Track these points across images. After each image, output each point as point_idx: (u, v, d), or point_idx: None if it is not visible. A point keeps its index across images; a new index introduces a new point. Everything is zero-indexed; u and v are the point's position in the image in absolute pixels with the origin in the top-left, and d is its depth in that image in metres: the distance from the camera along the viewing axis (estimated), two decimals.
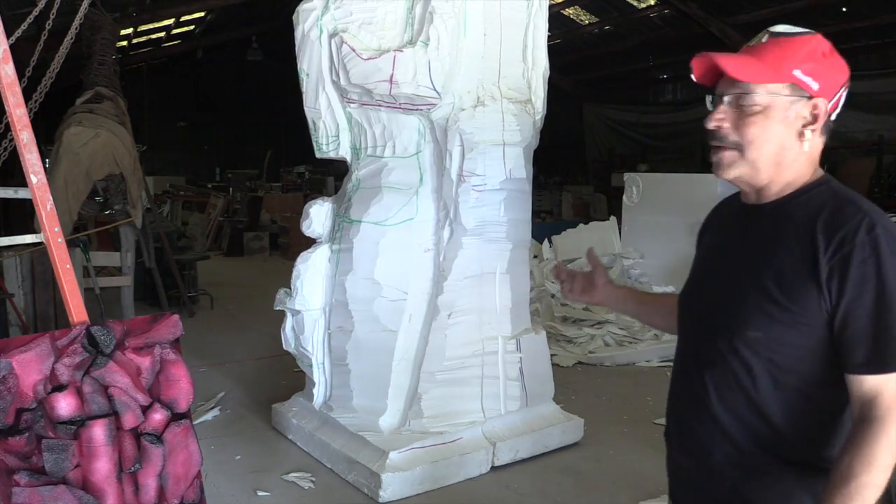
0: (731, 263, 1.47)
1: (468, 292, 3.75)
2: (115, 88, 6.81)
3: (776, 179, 1.41)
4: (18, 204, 8.59)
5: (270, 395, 4.77)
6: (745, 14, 10.98)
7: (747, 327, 1.39)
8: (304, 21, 3.70)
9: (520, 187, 3.86)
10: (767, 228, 1.42)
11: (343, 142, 3.87)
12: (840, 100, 1.38)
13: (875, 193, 9.49)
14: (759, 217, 1.44)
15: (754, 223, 1.45)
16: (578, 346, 5.97)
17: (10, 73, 2.08)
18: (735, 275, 1.45)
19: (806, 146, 1.39)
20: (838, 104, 1.38)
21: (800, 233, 1.35)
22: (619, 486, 3.63)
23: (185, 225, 13.22)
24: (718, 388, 1.44)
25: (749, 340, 1.39)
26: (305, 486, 3.58)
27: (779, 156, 1.39)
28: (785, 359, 1.36)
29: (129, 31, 12.01)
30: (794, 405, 1.37)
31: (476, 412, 3.81)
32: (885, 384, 1.27)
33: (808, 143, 1.38)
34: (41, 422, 1.91)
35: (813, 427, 1.38)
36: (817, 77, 1.35)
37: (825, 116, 1.37)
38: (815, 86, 1.35)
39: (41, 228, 2.13)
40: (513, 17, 3.81)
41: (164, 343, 2.13)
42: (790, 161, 1.39)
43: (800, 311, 1.33)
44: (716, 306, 1.47)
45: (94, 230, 6.78)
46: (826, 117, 1.37)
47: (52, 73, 3.11)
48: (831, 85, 1.36)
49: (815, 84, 1.35)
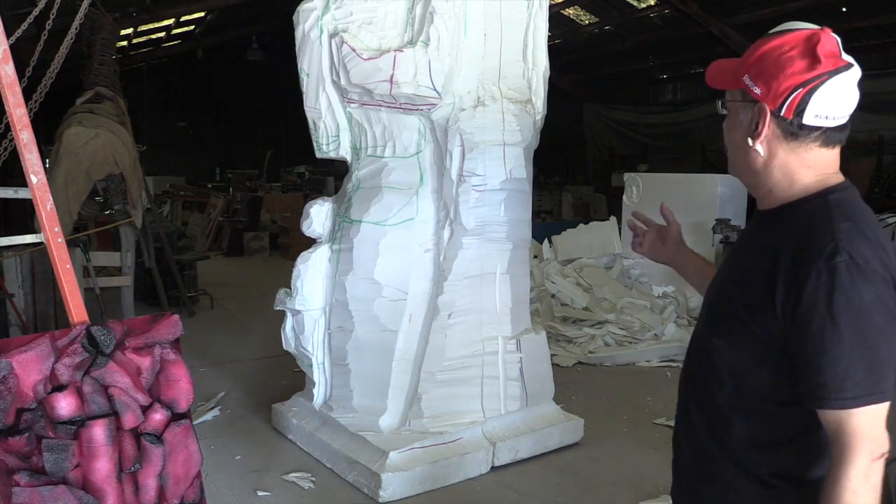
0: (727, 268, 1.48)
1: (468, 292, 3.75)
2: (115, 88, 6.81)
3: (759, 186, 1.39)
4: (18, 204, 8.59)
5: (270, 395, 4.77)
6: (746, 14, 10.97)
7: (714, 334, 1.39)
8: (304, 21, 3.70)
9: (520, 187, 3.86)
10: (757, 238, 1.40)
11: (343, 142, 3.87)
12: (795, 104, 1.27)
13: (875, 193, 9.50)
14: (760, 223, 1.43)
15: (755, 230, 1.44)
16: (578, 346, 5.97)
17: (10, 73, 2.08)
18: (721, 281, 1.46)
19: (762, 152, 1.33)
20: (794, 109, 1.27)
21: (771, 247, 1.30)
22: (619, 486, 3.63)
23: (185, 225, 13.22)
24: (697, 388, 1.46)
25: (716, 347, 1.38)
26: (305, 486, 3.58)
27: (749, 162, 1.37)
28: (745, 372, 1.34)
29: (129, 31, 12.01)
30: (756, 420, 1.35)
31: (476, 412, 3.81)
32: (844, 420, 1.21)
33: (762, 149, 1.33)
34: (41, 422, 1.91)
35: (775, 445, 1.34)
36: (762, 82, 1.29)
37: (769, 124, 1.30)
38: (758, 91, 1.30)
39: (41, 228, 2.13)
40: (513, 17, 3.81)
41: (164, 343, 2.13)
42: (761, 168, 1.35)
43: (756, 326, 1.29)
44: (706, 307, 1.48)
45: (94, 230, 6.78)
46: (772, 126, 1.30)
47: (52, 73, 3.11)
48: (778, 90, 1.27)
49: (757, 89, 1.30)
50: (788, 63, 1.27)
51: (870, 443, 1.20)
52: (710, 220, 6.71)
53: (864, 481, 1.20)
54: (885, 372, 1.22)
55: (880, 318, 1.20)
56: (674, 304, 6.66)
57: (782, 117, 1.29)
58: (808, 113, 1.27)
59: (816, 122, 1.28)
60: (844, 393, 1.20)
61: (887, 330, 1.21)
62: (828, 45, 1.26)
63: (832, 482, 1.21)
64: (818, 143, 1.30)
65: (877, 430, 1.22)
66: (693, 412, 1.46)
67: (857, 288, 1.19)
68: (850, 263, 1.20)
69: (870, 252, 1.22)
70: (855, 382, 1.19)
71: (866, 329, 1.19)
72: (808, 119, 1.27)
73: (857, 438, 1.20)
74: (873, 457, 1.20)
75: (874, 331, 1.20)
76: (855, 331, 1.19)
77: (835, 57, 1.26)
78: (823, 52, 1.25)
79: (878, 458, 1.21)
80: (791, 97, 1.27)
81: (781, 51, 1.28)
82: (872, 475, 1.20)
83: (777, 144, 1.32)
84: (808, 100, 1.26)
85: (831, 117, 1.28)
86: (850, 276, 1.19)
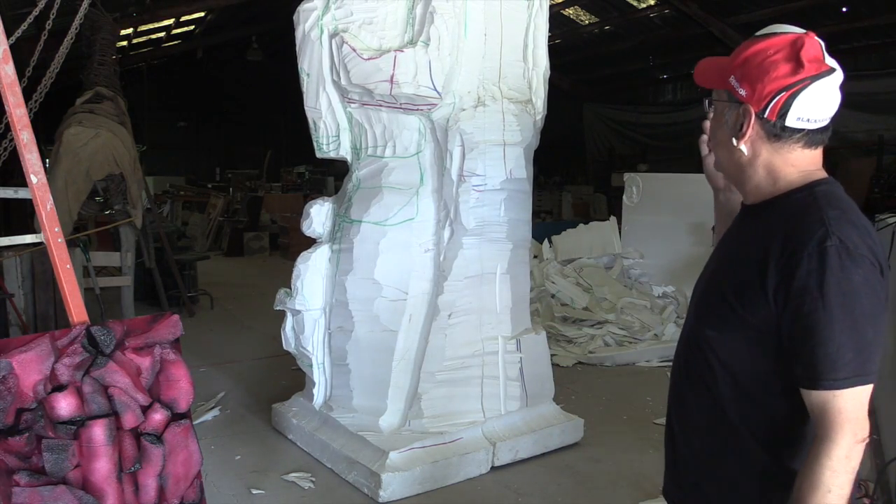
0: (715, 260, 1.51)
1: (468, 292, 3.75)
2: (115, 88, 6.80)
3: (744, 182, 1.41)
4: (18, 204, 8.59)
5: (270, 395, 4.77)
6: (746, 14, 10.97)
7: (706, 325, 1.42)
8: (304, 21, 3.70)
9: (520, 187, 3.86)
10: (744, 230, 1.43)
11: (343, 142, 3.87)
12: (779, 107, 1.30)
13: (875, 193, 9.49)
14: (745, 218, 1.46)
15: (741, 223, 1.47)
16: (578, 346, 5.97)
17: (10, 73, 2.08)
18: (710, 272, 1.49)
19: (746, 151, 1.36)
20: (777, 112, 1.30)
21: (761, 237, 1.33)
22: (619, 486, 3.63)
23: (185, 225, 13.21)
24: (691, 382, 1.47)
25: (708, 339, 1.41)
26: (305, 486, 3.58)
27: (733, 161, 1.40)
28: (739, 363, 1.35)
29: (129, 31, 12.00)
30: (751, 411, 1.36)
31: (476, 412, 3.81)
32: (830, 401, 1.23)
33: (746, 149, 1.36)
34: (41, 422, 1.91)
35: (772, 437, 1.35)
36: (747, 84, 1.32)
37: (753, 125, 1.33)
38: (743, 92, 1.33)
39: (41, 228, 2.13)
40: (513, 17, 3.81)
41: (164, 343, 2.13)
42: (745, 166, 1.38)
43: (749, 315, 1.32)
44: (695, 300, 1.51)
45: (94, 230, 6.78)
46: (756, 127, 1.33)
47: (52, 73, 3.12)
48: (763, 92, 1.30)
49: (742, 90, 1.33)
50: (772, 67, 1.30)
51: (854, 424, 1.23)
52: (710, 220, 6.61)
53: (845, 462, 1.22)
54: (872, 355, 1.25)
55: (868, 302, 1.24)
56: (674, 304, 6.66)
57: (766, 119, 1.32)
58: (790, 116, 1.30)
59: (799, 124, 1.31)
60: (836, 374, 1.22)
61: (874, 313, 1.25)
62: (811, 49, 1.29)
63: (813, 460, 1.24)
64: (801, 145, 1.34)
65: (861, 412, 1.24)
66: (689, 407, 1.47)
67: (847, 271, 1.22)
68: (841, 247, 1.23)
69: (858, 238, 1.25)
70: (845, 364, 1.22)
71: (856, 312, 1.23)
72: (791, 122, 1.31)
73: (843, 419, 1.22)
74: (857, 439, 1.23)
75: (863, 314, 1.23)
76: (846, 313, 1.22)
77: (818, 61, 1.29)
78: (807, 56, 1.28)
79: (860, 442, 1.24)
80: (774, 100, 1.30)
81: (766, 54, 1.31)
82: (853, 457, 1.23)
83: (761, 144, 1.35)
84: (791, 103, 1.29)
85: (813, 120, 1.31)
86: (840, 259, 1.22)
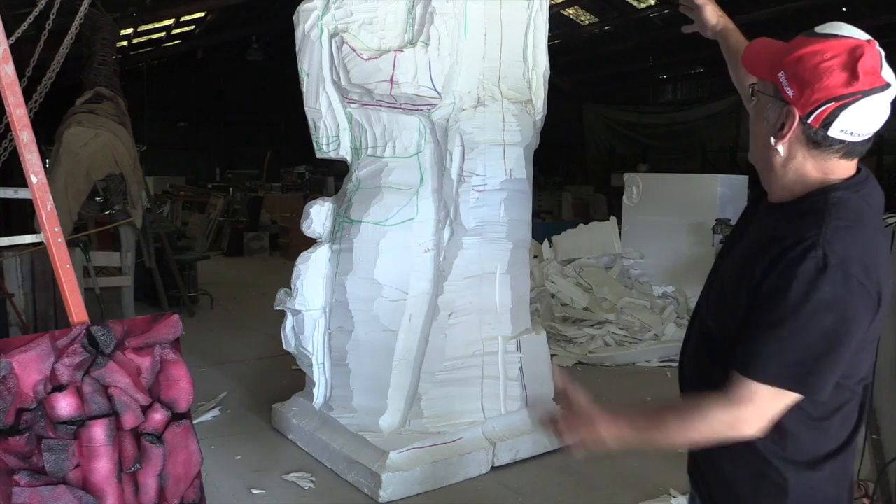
0: (726, 252, 1.50)
1: (468, 292, 3.75)
2: (115, 88, 6.80)
3: (771, 181, 1.38)
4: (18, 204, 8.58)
5: (270, 395, 4.77)
6: (745, 14, 10.95)
7: (707, 316, 1.44)
8: (304, 21, 3.70)
9: (520, 187, 3.86)
10: (757, 228, 1.41)
11: (343, 142, 3.87)
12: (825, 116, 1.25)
13: None
14: (761, 214, 1.43)
15: (757, 220, 1.44)
16: (578, 346, 5.97)
17: (10, 73, 2.08)
18: (720, 264, 1.49)
19: (782, 152, 1.32)
20: (822, 120, 1.26)
21: (767, 237, 1.31)
22: (619, 486, 3.63)
23: (185, 225, 13.21)
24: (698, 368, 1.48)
25: (709, 330, 1.42)
26: (305, 486, 3.58)
27: (766, 156, 1.37)
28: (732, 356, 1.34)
29: (129, 31, 11.99)
30: None
31: (476, 412, 3.81)
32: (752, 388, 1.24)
33: (783, 149, 1.32)
34: (41, 422, 1.91)
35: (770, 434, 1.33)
36: (796, 85, 1.27)
37: (794, 129, 1.29)
38: (790, 92, 1.29)
39: (41, 228, 2.14)
40: (513, 18, 3.81)
41: (164, 343, 2.13)
42: (778, 166, 1.35)
43: (740, 311, 1.32)
44: (703, 290, 1.51)
45: (94, 230, 6.78)
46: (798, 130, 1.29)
47: (52, 73, 3.11)
48: (811, 97, 1.25)
49: (790, 90, 1.29)
50: (826, 73, 1.24)
51: (757, 417, 1.25)
52: (710, 220, 6.71)
53: (718, 427, 1.26)
54: (819, 370, 1.23)
55: (832, 319, 1.21)
56: (674, 304, 6.66)
57: (809, 125, 1.28)
58: (834, 126, 1.26)
59: (841, 136, 1.27)
60: (767, 371, 1.23)
61: (837, 332, 1.22)
62: (870, 60, 1.23)
63: (700, 401, 1.28)
64: (838, 155, 1.31)
65: (770, 413, 1.25)
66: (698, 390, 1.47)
67: (817, 285, 1.20)
68: (821, 261, 1.20)
69: (855, 254, 1.22)
70: (779, 366, 1.22)
71: (810, 326, 1.21)
72: (834, 132, 1.27)
73: (754, 406, 1.24)
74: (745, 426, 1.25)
75: (819, 330, 1.21)
76: (799, 324, 1.21)
77: (874, 74, 1.24)
78: (864, 68, 1.23)
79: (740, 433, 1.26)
80: (821, 108, 1.25)
81: (823, 57, 1.25)
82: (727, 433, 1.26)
83: (798, 148, 1.32)
84: (838, 114, 1.25)
85: (857, 133, 1.27)
86: (815, 273, 1.20)
